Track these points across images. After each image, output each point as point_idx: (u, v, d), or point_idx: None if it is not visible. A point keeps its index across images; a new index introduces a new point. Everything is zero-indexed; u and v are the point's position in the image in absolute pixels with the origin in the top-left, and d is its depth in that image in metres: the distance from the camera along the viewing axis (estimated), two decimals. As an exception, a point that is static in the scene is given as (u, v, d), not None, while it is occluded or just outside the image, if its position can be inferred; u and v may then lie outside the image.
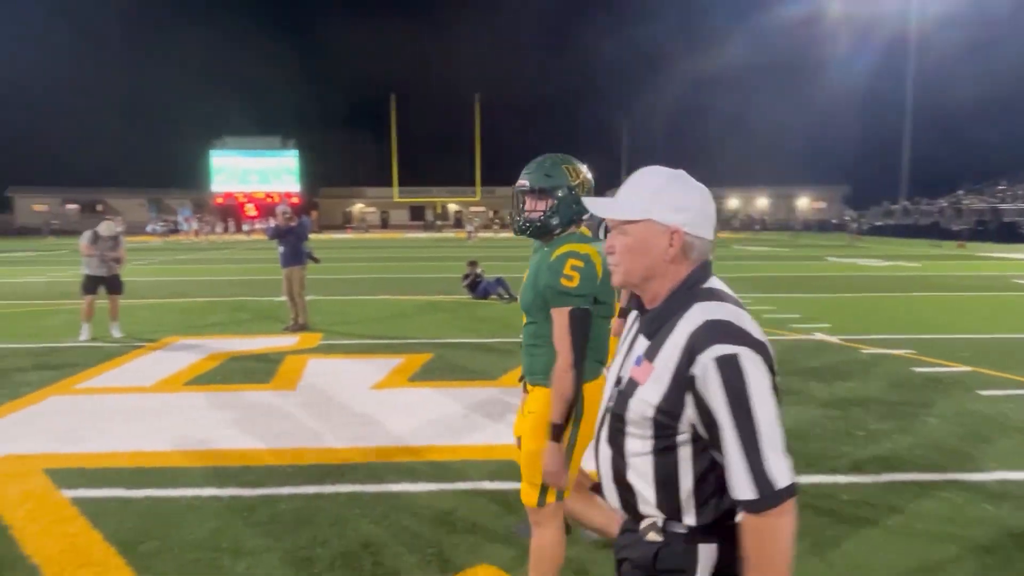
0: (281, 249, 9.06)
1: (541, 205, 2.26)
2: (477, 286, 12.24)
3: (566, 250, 2.13)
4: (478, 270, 12.57)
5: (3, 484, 3.81)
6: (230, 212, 60.22)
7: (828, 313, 10.29)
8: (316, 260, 9.46)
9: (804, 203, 69.65)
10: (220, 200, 61.81)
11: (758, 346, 1.20)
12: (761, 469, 1.15)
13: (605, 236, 2.63)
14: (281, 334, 8.65)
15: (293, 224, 9.02)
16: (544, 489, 2.25)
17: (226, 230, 54.41)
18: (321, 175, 71.07)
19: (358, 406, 5.40)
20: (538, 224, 2.25)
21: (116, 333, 8.41)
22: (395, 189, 66.81)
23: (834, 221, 55.36)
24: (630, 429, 1.28)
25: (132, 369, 6.73)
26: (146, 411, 5.26)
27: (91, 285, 8.45)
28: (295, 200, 57.14)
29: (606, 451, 1.34)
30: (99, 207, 57.47)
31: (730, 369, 1.17)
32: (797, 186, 69.95)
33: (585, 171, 2.35)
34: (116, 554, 3.01)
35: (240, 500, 3.60)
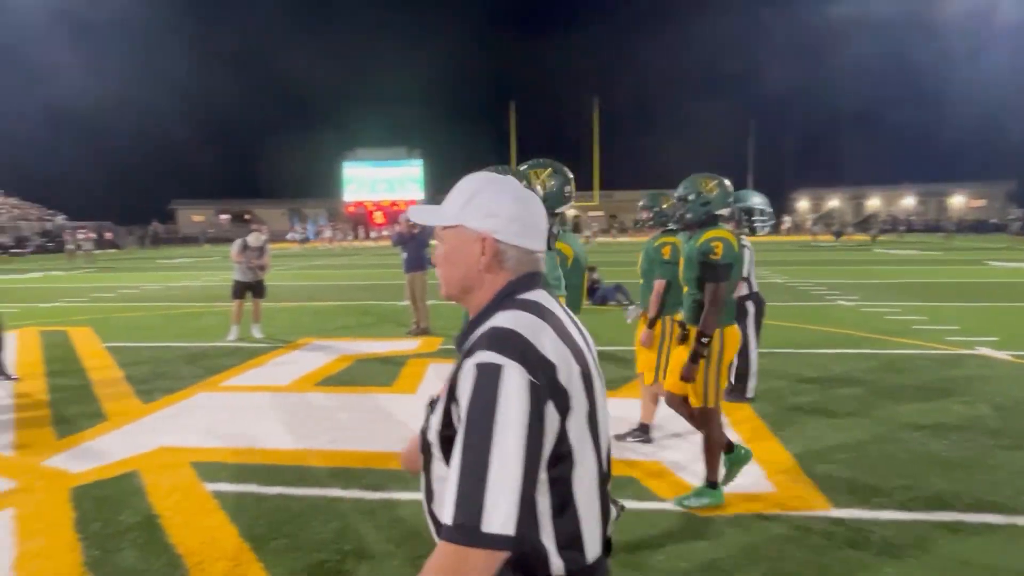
0: (404, 255, 9.37)
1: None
2: (595, 292, 12.03)
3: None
4: (596, 276, 12.36)
5: (156, 475, 4.13)
6: (360, 220, 63.68)
7: (993, 325, 9.15)
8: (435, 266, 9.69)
9: (959, 201, 63.08)
10: (351, 209, 65.51)
11: (537, 366, 1.03)
12: (474, 499, 0.97)
13: (551, 245, 2.50)
14: (404, 338, 8.92)
15: (415, 231, 9.30)
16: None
17: (356, 237, 57.58)
18: (444, 182, 73.59)
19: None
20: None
21: (258, 334, 9.01)
22: (513, 195, 67.64)
23: (993, 221, 49.65)
24: (433, 451, 1.15)
25: (271, 368, 7.13)
26: (281, 409, 5.54)
27: (239, 290, 9.08)
28: (420, 208, 59.53)
29: (422, 478, 1.20)
30: (247, 216, 62.86)
31: (486, 379, 1.01)
32: (951, 183, 63.52)
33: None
34: (248, 550, 3.15)
35: (363, 503, 3.67)
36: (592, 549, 1.12)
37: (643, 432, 4.64)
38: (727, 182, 3.51)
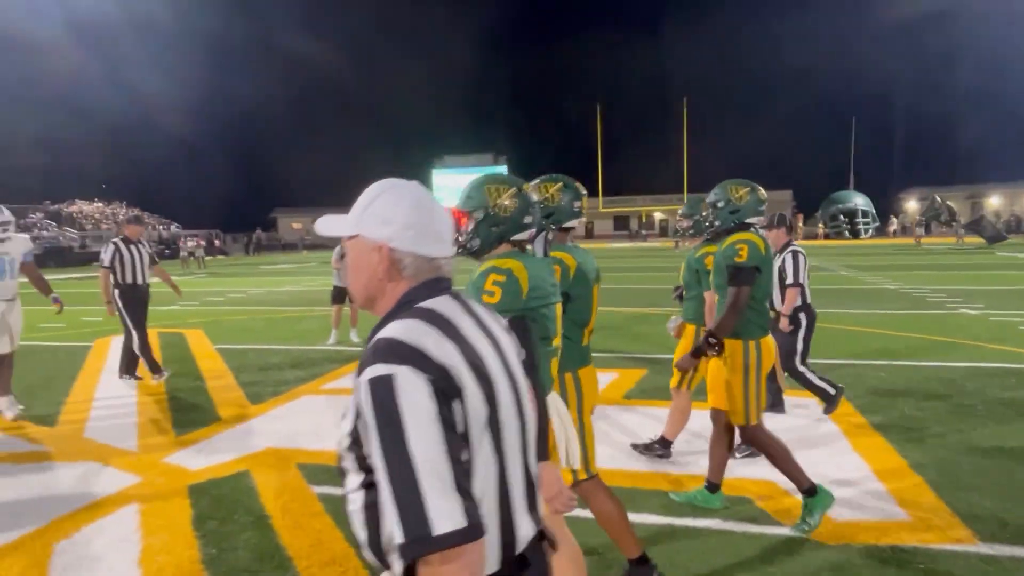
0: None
1: (466, 226, 2.25)
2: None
3: (488, 266, 2.06)
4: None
5: (265, 475, 4.25)
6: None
7: None
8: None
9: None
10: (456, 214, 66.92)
11: (427, 366, 1.02)
12: (415, 511, 0.96)
13: (546, 252, 2.31)
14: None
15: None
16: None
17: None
18: (529, 188, 73.91)
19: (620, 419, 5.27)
20: (464, 245, 2.24)
21: (355, 338, 9.27)
22: (600, 199, 67.18)
23: None
24: (344, 463, 1.14)
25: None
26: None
27: (338, 295, 9.34)
28: (505, 213, 60.07)
29: (342, 489, 1.18)
30: (342, 224, 65.42)
31: (383, 392, 1.00)
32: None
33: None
34: (353, 555, 3.16)
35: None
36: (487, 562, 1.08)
37: (663, 446, 4.43)
38: (760, 189, 3.37)
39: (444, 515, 0.96)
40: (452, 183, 67.39)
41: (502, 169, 67.37)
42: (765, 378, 3.34)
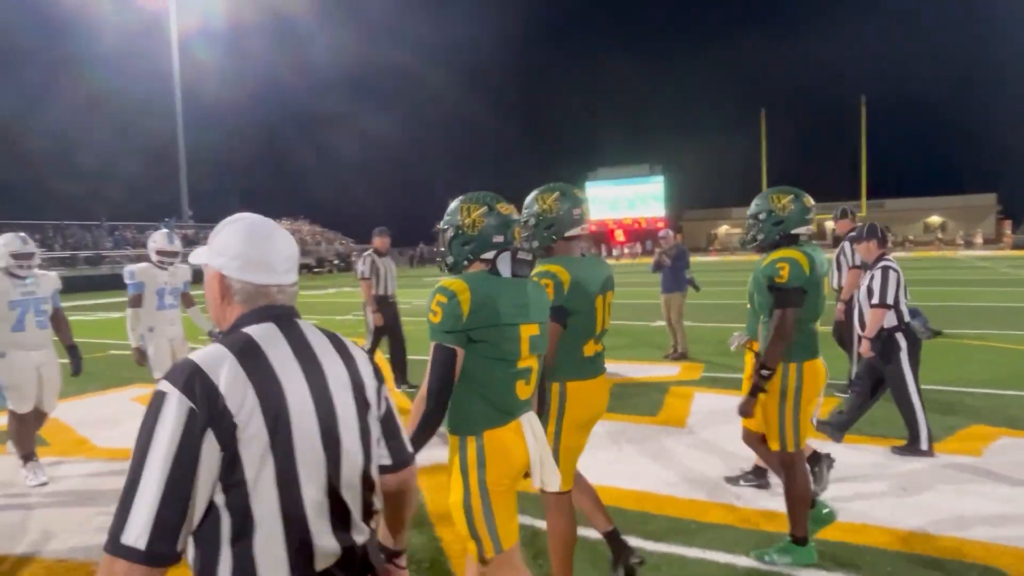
0: (662, 275, 8.93)
1: (439, 243, 2.30)
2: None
3: (438, 285, 2.05)
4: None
5: (435, 493, 4.17)
6: (601, 238, 64.53)
7: None
8: (696, 287, 9.08)
9: None
10: (593, 228, 66.70)
11: (201, 394, 1.14)
12: (122, 513, 1.11)
13: (516, 272, 2.16)
14: (662, 362, 8.45)
15: (669, 250, 8.82)
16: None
17: (599, 255, 58.27)
18: (685, 198, 71.65)
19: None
20: (441, 261, 2.29)
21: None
22: (764, 208, 63.20)
23: None
24: None
25: None
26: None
27: None
28: (660, 224, 58.49)
29: None
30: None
31: (153, 404, 1.15)
32: None
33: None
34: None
35: (641, 552, 3.28)
36: None
37: (757, 476, 4.16)
38: (806, 197, 3.11)
39: (134, 530, 1.09)
40: (606, 195, 66.96)
41: (658, 180, 65.79)
42: (809, 404, 3.10)
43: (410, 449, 1.58)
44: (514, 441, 2.11)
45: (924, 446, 4.59)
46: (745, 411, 3.06)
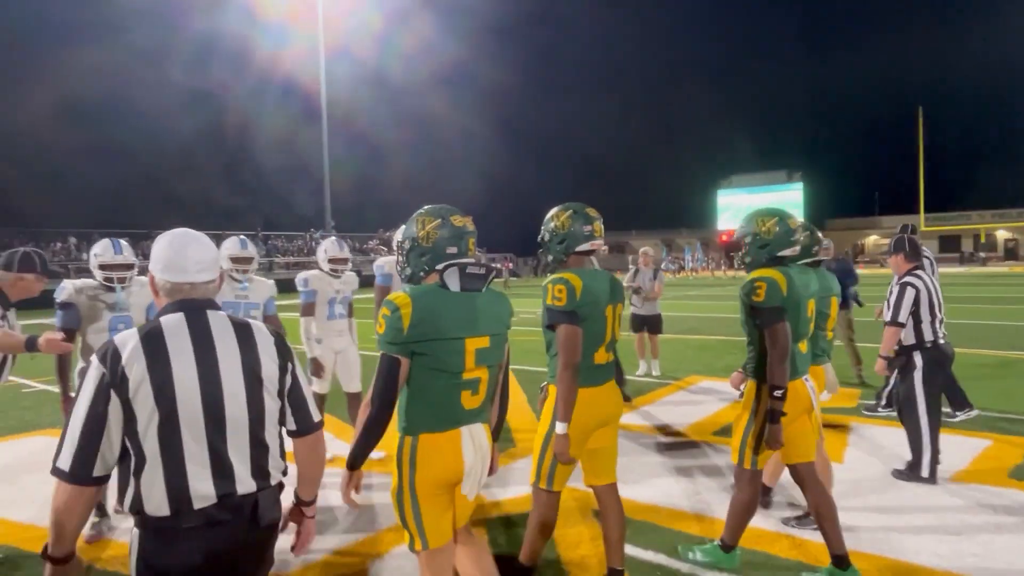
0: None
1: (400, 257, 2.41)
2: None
3: (386, 299, 2.18)
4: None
5: (564, 517, 3.97)
6: (733, 248, 61.48)
7: None
8: (859, 303, 8.20)
9: None
10: (724, 238, 63.82)
11: (109, 365, 1.62)
12: (60, 445, 1.62)
13: (470, 285, 2.24)
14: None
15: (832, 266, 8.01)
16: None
17: (732, 266, 55.72)
18: (828, 206, 66.88)
19: (932, 499, 4.12)
20: (401, 273, 2.39)
21: (655, 371, 8.60)
22: (921, 216, 57.51)
23: None
24: None
25: (662, 409, 6.74)
26: (681, 459, 5.05)
27: (636, 324, 8.68)
28: (800, 234, 54.67)
29: None
30: (627, 247, 66.38)
31: (86, 370, 1.66)
32: None
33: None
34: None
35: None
36: (187, 501, 1.65)
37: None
38: (791, 219, 3.19)
39: (64, 457, 1.61)
40: (739, 203, 63.64)
41: (797, 187, 61.90)
42: (788, 423, 3.08)
43: (316, 418, 1.92)
44: (448, 449, 2.20)
45: (924, 472, 4.43)
46: (775, 441, 2.97)
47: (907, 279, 4.55)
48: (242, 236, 4.89)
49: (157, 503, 1.63)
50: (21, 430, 6.65)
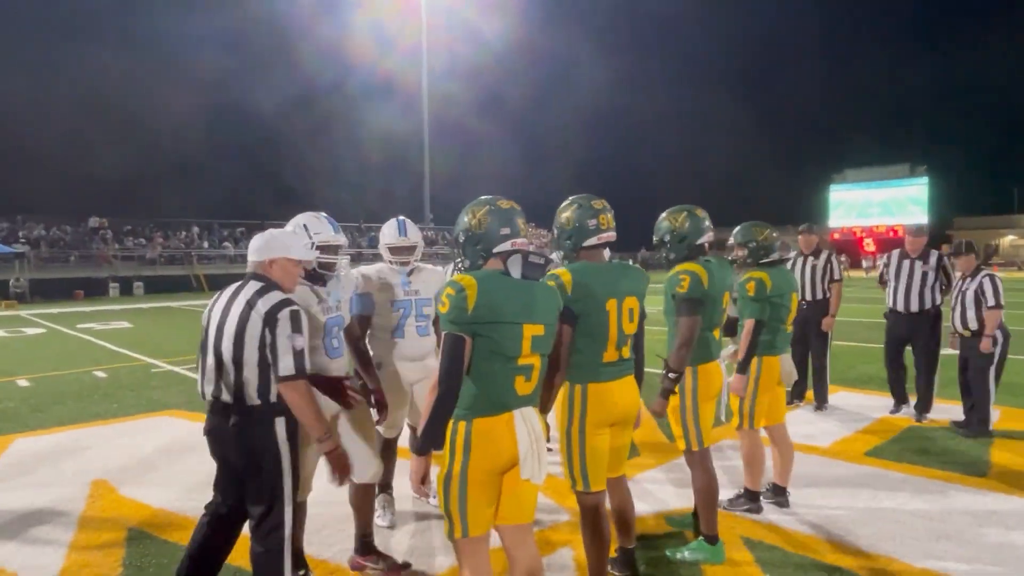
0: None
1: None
2: None
3: (450, 279, 2.23)
4: None
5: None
6: (846, 248, 57.65)
7: None
8: None
9: None
10: (836, 236, 59.93)
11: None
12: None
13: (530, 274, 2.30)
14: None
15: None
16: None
17: (851, 266, 52.04)
18: (957, 203, 61.43)
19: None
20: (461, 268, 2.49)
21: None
22: (1067, 213, 51.73)
23: None
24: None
25: (804, 420, 6.14)
26: (831, 480, 4.56)
27: (730, 327, 7.92)
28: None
29: None
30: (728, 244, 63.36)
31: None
32: None
33: (483, 212, 2.42)
34: None
35: None
36: None
37: (777, 494, 4.09)
38: (698, 210, 3.41)
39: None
40: (854, 199, 59.54)
41: (921, 181, 57.21)
42: (704, 403, 3.34)
43: (285, 372, 2.51)
44: (503, 433, 2.19)
45: (989, 426, 5.58)
46: (657, 410, 3.25)
47: (989, 272, 5.61)
48: (400, 218, 3.82)
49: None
50: (150, 409, 6.97)
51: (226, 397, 2.55)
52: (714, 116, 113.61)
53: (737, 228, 3.97)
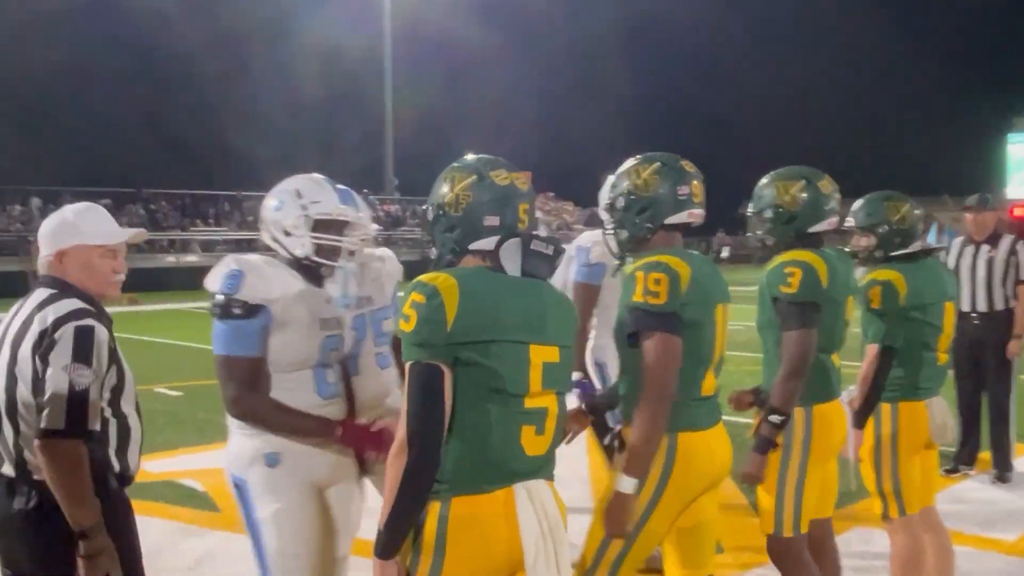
0: None
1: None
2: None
3: (418, 280, 1.65)
4: None
5: None
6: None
7: None
8: None
9: None
10: (1017, 212, 41.74)
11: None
12: None
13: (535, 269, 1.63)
14: None
15: None
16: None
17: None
18: None
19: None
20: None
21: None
22: None
23: None
24: None
25: (978, 499, 4.57)
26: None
27: None
28: None
29: None
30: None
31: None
32: None
33: (468, 182, 1.78)
34: None
35: None
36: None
37: None
38: (823, 180, 2.55)
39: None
40: None
41: None
42: (819, 463, 2.44)
43: (49, 424, 1.78)
44: (497, 519, 1.54)
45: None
46: (755, 475, 2.38)
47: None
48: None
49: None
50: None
51: (6, 469, 1.91)
52: (830, 37, 67.97)
53: (858, 203, 2.84)
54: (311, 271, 2.21)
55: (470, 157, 1.76)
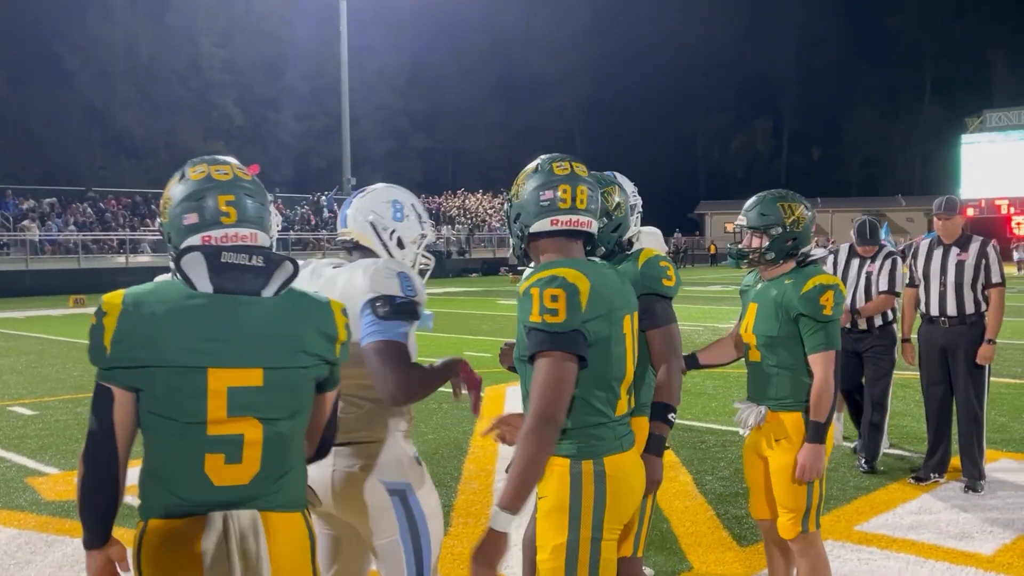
0: None
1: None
2: None
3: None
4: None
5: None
6: (985, 227, 29.08)
7: None
8: None
9: None
10: (970, 211, 34.07)
11: None
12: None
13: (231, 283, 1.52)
14: None
15: None
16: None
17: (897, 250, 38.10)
18: None
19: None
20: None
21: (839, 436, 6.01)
22: None
23: None
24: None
25: (951, 507, 4.24)
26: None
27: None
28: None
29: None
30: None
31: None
32: None
33: (174, 179, 1.76)
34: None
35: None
36: None
37: None
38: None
39: None
40: (996, 154, 37.27)
41: None
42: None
43: None
44: (180, 543, 1.49)
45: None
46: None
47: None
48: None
49: None
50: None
51: None
52: (784, 35, 62.89)
53: (751, 201, 2.73)
54: None
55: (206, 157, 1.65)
